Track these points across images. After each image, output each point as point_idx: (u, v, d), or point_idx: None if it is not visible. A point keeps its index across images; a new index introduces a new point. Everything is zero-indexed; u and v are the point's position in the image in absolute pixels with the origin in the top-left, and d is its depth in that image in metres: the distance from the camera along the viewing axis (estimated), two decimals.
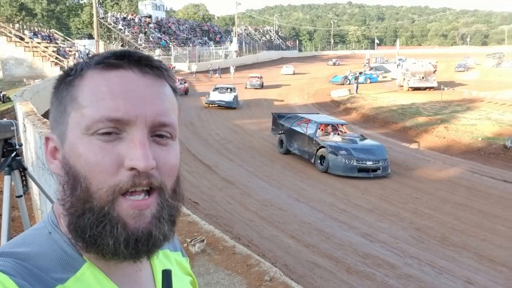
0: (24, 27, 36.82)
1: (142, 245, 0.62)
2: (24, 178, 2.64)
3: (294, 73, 48.23)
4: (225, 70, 44.58)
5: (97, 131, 0.61)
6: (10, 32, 32.13)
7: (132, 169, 0.60)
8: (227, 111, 24.18)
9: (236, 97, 25.81)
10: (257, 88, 34.28)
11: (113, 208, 0.60)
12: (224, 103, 24.95)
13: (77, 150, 0.62)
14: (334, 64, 62.06)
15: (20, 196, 2.67)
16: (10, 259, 0.58)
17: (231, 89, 26.70)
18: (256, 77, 36.18)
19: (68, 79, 0.66)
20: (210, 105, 25.24)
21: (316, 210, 9.90)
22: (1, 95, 23.13)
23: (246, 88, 33.99)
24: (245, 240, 7.57)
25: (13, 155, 2.55)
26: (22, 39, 31.44)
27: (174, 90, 0.71)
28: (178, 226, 0.93)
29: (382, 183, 12.42)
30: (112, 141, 0.61)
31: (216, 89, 26.74)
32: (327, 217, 9.53)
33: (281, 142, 15.56)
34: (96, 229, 0.60)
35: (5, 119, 2.93)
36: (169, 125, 0.65)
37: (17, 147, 2.58)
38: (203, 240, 4.59)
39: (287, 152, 15.10)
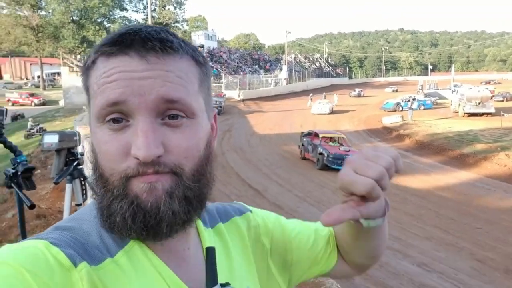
0: (85, 58, 39.17)
1: (150, 218, 0.61)
2: (84, 187, 2.74)
3: (331, 112, 34.84)
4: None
5: (106, 119, 0.61)
6: (72, 63, 34.29)
7: (137, 158, 0.60)
8: (276, 137, 24.19)
9: None
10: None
11: (124, 188, 0.61)
12: None
13: (95, 139, 0.64)
14: (359, 95, 54.02)
15: (80, 204, 2.76)
16: (63, 232, 0.62)
17: None
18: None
19: (84, 69, 0.67)
20: None
21: None
22: (38, 128, 24.34)
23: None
24: None
25: (75, 164, 2.65)
26: None
27: (193, 57, 0.66)
28: None
29: (438, 211, 11.86)
30: (120, 129, 0.61)
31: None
32: None
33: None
34: (109, 210, 0.62)
35: (68, 129, 3.07)
36: (177, 101, 0.62)
37: (79, 156, 2.69)
38: None
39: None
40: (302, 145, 19.29)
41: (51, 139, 2.49)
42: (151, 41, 0.62)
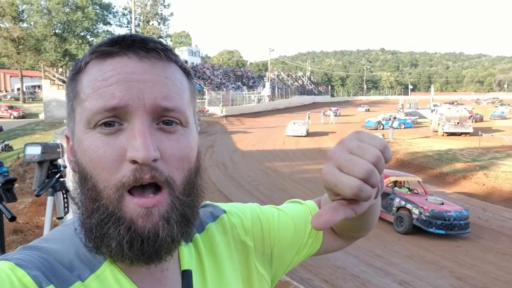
0: (67, 71, 38.86)
1: (148, 246, 0.58)
2: (66, 200, 2.67)
3: (307, 134, 30.91)
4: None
5: (98, 124, 0.58)
6: (54, 76, 33.93)
7: (134, 162, 0.56)
8: (259, 154, 24.23)
9: None
10: None
11: (119, 207, 0.57)
12: None
13: (82, 147, 0.60)
14: (335, 114, 44.68)
15: (61, 218, 2.69)
16: (32, 252, 0.58)
17: None
18: None
19: (71, 74, 0.64)
20: None
21: (351, 255, 9.57)
22: (4, 145, 23.64)
23: None
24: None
25: (57, 176, 2.58)
26: (64, 82, 33.09)
27: (184, 70, 0.66)
28: None
29: (419, 229, 11.96)
30: (113, 133, 0.58)
31: None
32: (362, 262, 9.20)
33: None
34: (101, 230, 0.58)
35: (51, 141, 3.01)
36: (174, 110, 0.60)
37: (62, 168, 2.62)
38: None
39: None
40: None
41: (33, 151, 2.43)
42: (153, 42, 0.62)
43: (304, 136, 30.39)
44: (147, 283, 0.64)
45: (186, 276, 0.65)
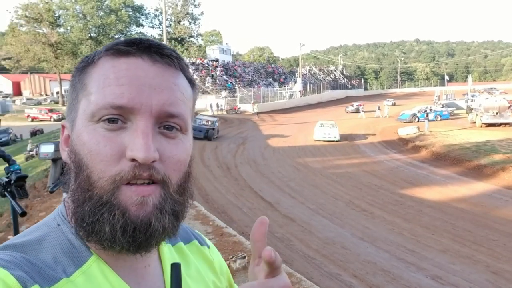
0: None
1: (140, 234, 0.59)
2: None
3: (340, 139, 26.69)
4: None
5: (102, 118, 0.60)
6: None
7: (133, 160, 0.58)
8: (290, 150, 24.16)
9: None
10: None
11: (114, 196, 0.59)
12: None
13: (82, 138, 0.61)
14: (357, 111, 44.62)
15: None
16: (13, 252, 0.58)
17: None
18: None
19: (81, 66, 0.66)
20: None
21: (382, 250, 9.41)
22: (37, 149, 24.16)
23: None
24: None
25: None
26: None
27: (190, 81, 0.69)
28: (223, 245, 0.89)
29: (454, 223, 11.63)
30: (116, 130, 0.60)
31: None
32: (393, 257, 9.02)
33: None
34: (94, 216, 0.59)
35: None
36: (178, 116, 0.63)
37: None
38: (244, 257, 4.75)
39: None
40: None
41: (47, 149, 2.53)
42: (168, 49, 0.65)
43: (337, 141, 26.47)
44: (131, 278, 0.66)
45: (176, 268, 0.67)
